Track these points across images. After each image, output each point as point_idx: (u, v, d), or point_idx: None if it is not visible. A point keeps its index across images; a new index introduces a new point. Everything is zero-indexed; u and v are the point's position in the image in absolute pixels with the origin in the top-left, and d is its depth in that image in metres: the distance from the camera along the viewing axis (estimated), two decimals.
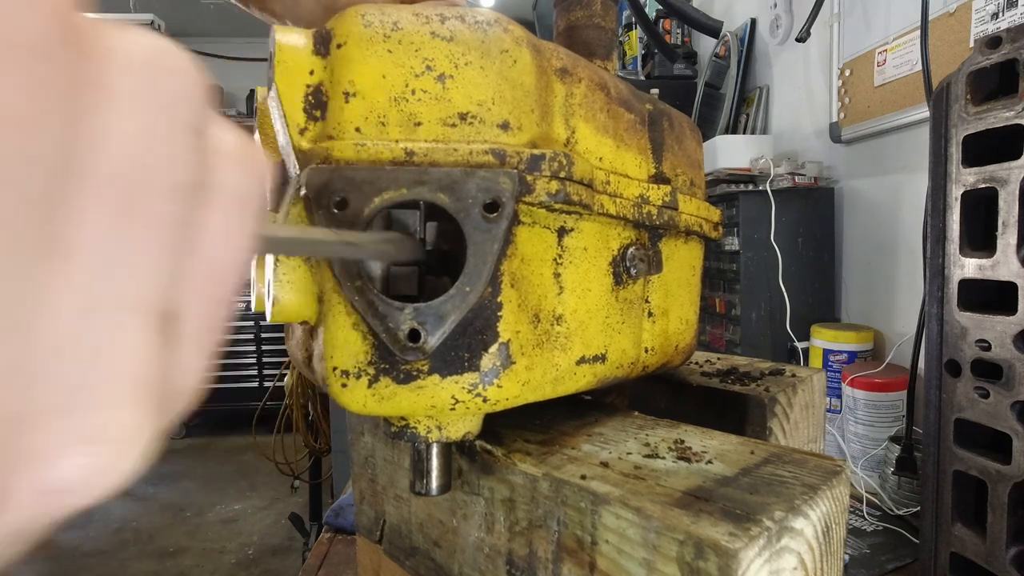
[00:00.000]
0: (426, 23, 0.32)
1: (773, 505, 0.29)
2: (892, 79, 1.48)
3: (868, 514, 1.12)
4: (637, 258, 0.42)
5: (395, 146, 0.31)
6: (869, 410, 1.32)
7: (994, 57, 0.68)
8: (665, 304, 0.47)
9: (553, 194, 0.33)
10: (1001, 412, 0.67)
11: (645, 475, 0.34)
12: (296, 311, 0.32)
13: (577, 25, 0.52)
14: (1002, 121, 0.67)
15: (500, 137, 0.33)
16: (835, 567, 0.32)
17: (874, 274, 1.60)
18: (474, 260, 0.30)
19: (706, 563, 0.26)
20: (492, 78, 0.32)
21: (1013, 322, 0.66)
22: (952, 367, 0.73)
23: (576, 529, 0.33)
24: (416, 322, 0.29)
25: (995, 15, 1.18)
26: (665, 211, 0.44)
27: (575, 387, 0.39)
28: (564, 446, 0.39)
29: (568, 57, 0.38)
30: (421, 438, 0.35)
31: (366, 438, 0.56)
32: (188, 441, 4.99)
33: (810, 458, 0.36)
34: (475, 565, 0.41)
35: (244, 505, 3.60)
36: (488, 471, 0.39)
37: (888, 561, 0.97)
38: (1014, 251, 0.66)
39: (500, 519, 0.38)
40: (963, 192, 0.72)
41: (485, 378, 0.32)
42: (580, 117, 0.38)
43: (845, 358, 1.48)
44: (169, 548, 3.16)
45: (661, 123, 0.47)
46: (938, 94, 0.75)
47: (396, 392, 0.31)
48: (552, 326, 0.36)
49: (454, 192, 0.30)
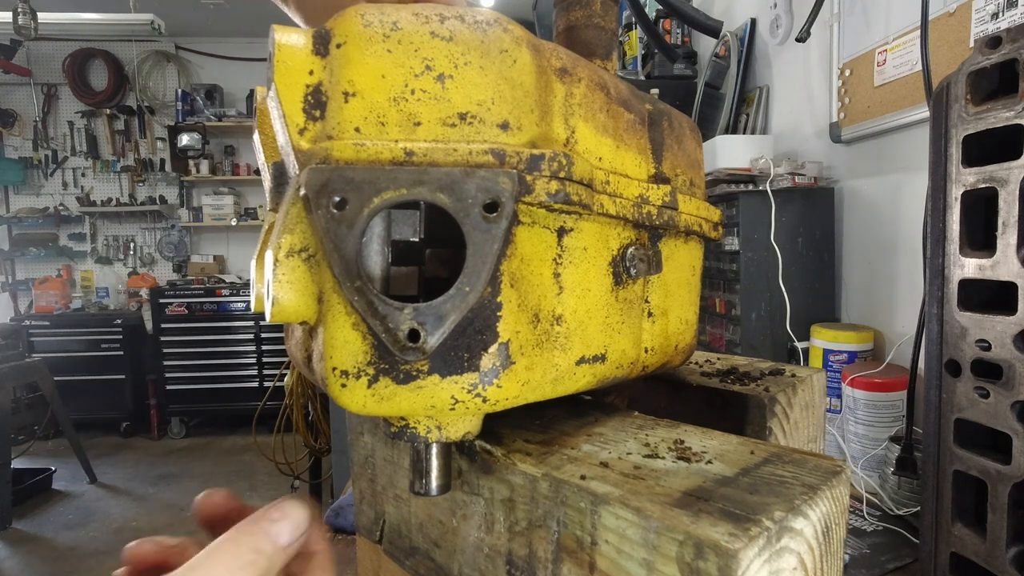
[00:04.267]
0: (426, 23, 0.32)
1: (773, 505, 0.29)
2: (892, 79, 1.48)
3: (868, 514, 1.12)
4: (637, 258, 0.42)
5: (395, 146, 0.31)
6: (869, 410, 1.32)
7: (994, 57, 0.68)
8: (665, 304, 0.47)
9: (553, 194, 0.33)
10: (1001, 412, 0.67)
11: (645, 475, 0.34)
12: (296, 311, 0.32)
13: (577, 25, 0.52)
14: (1002, 121, 0.67)
15: (500, 137, 0.33)
16: (835, 567, 0.32)
17: (874, 274, 1.60)
18: (474, 260, 0.30)
19: (706, 563, 0.26)
20: (492, 78, 0.32)
21: (1013, 322, 0.66)
22: (952, 367, 0.73)
23: (576, 529, 0.33)
24: (416, 322, 0.29)
25: (995, 15, 1.18)
26: (665, 211, 0.44)
27: (575, 387, 0.39)
28: (564, 446, 0.39)
29: (568, 57, 0.38)
30: (421, 438, 0.35)
31: (366, 438, 0.56)
32: (188, 441, 4.99)
33: (810, 458, 0.36)
34: (475, 565, 0.41)
35: None
36: (488, 471, 0.39)
37: (888, 561, 0.97)
38: (1014, 251, 0.66)
39: (500, 519, 0.38)
40: (963, 192, 0.72)
41: (485, 378, 0.32)
42: (580, 117, 0.38)
43: (845, 358, 1.48)
44: None
45: (661, 123, 0.47)
46: (938, 94, 0.75)
47: (396, 392, 0.31)
48: (552, 326, 0.35)
49: (454, 192, 0.30)
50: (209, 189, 5.67)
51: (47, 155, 5.60)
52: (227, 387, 5.02)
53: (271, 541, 0.29)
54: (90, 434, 4.93)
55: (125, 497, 3.88)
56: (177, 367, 4.98)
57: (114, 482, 4.12)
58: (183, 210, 5.65)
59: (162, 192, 5.69)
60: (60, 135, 5.61)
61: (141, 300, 5.36)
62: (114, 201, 5.61)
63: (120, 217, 5.70)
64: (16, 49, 5.21)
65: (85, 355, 4.94)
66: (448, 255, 0.34)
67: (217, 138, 5.70)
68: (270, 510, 0.31)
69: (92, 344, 4.96)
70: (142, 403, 5.05)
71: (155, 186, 5.71)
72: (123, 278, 5.68)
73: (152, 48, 5.57)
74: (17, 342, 4.55)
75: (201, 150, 5.46)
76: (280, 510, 0.31)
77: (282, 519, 0.30)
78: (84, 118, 5.60)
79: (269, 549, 0.29)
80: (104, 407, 4.96)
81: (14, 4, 3.94)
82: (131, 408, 5.00)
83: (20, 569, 3.05)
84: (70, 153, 5.63)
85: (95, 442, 4.86)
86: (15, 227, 5.58)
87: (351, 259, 0.29)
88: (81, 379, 4.85)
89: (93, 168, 5.65)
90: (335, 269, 0.30)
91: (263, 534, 0.29)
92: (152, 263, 5.78)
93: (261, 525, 0.30)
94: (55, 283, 5.38)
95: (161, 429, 5.08)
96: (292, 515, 0.31)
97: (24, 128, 5.56)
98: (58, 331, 4.96)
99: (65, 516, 3.59)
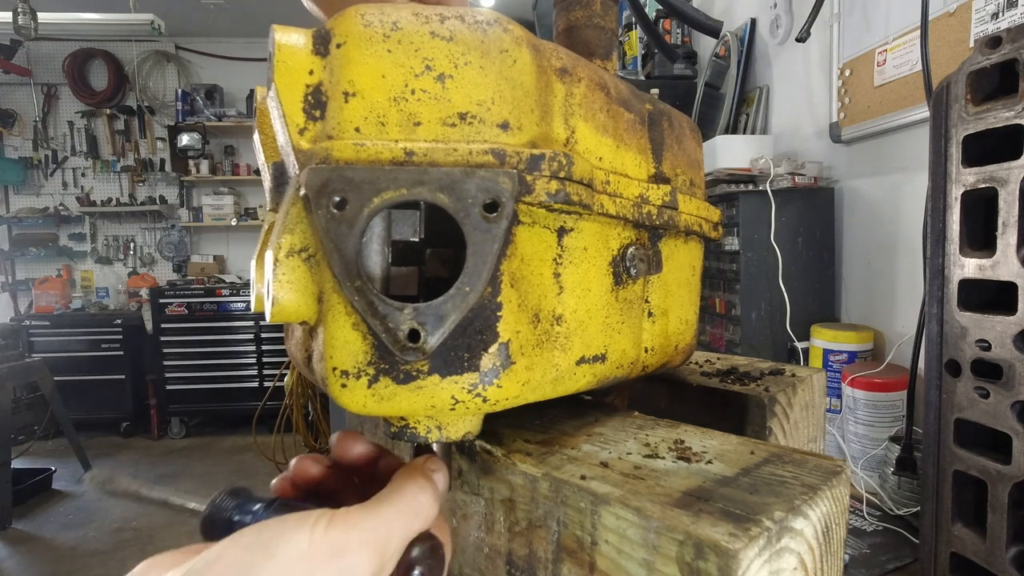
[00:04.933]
0: (426, 23, 0.32)
1: (773, 505, 0.29)
2: (892, 79, 1.48)
3: (868, 514, 1.12)
4: (637, 258, 0.42)
5: (395, 146, 0.31)
6: (869, 410, 1.32)
7: (994, 57, 0.68)
8: (665, 304, 0.47)
9: (553, 194, 0.33)
10: (1001, 412, 0.67)
11: (645, 475, 0.34)
12: (295, 311, 0.32)
13: (577, 25, 0.52)
14: (1002, 121, 0.67)
15: (500, 137, 0.32)
16: (835, 567, 0.32)
17: (874, 274, 1.60)
18: (474, 260, 0.30)
19: (706, 563, 0.26)
20: (492, 78, 0.32)
21: (1013, 322, 0.66)
22: (952, 367, 0.73)
23: (576, 529, 0.33)
24: (416, 322, 0.29)
25: (995, 15, 1.18)
26: (665, 211, 0.44)
27: (575, 387, 0.39)
28: (564, 446, 0.39)
29: (568, 57, 0.38)
30: (421, 438, 0.35)
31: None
32: (188, 441, 4.99)
33: (810, 458, 0.36)
34: (475, 565, 0.41)
35: None
36: (488, 471, 0.39)
37: (888, 561, 0.97)
38: (1014, 251, 0.66)
39: (500, 519, 0.38)
40: (963, 192, 0.72)
41: (485, 378, 0.32)
42: (580, 117, 0.38)
43: (845, 358, 1.48)
44: (169, 548, 3.16)
45: (661, 123, 0.47)
46: (938, 94, 0.75)
47: (396, 392, 0.31)
48: (552, 326, 0.35)
49: (454, 192, 0.30)
50: (209, 189, 5.67)
51: (47, 155, 5.60)
52: (227, 387, 5.01)
53: (435, 489, 0.31)
54: (90, 434, 4.93)
55: (125, 497, 3.87)
56: (177, 367, 4.98)
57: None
58: (183, 210, 5.65)
59: (162, 192, 5.68)
60: (60, 135, 5.61)
61: (141, 300, 5.36)
62: (114, 201, 5.61)
63: (120, 217, 5.69)
64: (16, 49, 5.20)
65: (85, 355, 4.93)
66: (448, 255, 0.34)
67: (217, 138, 5.70)
68: (427, 461, 0.33)
69: (92, 344, 4.96)
70: (142, 403, 5.05)
71: (155, 186, 5.70)
72: (123, 278, 5.67)
73: (152, 48, 5.56)
74: (17, 342, 4.55)
75: (201, 150, 5.46)
76: (435, 462, 0.33)
77: (439, 470, 0.33)
78: (84, 118, 5.60)
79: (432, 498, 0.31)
80: (104, 407, 4.96)
81: (14, 4, 3.94)
82: (131, 408, 5.00)
83: (20, 569, 3.05)
84: (70, 153, 5.62)
85: (95, 442, 4.86)
86: (15, 227, 5.58)
87: (351, 259, 0.29)
88: (81, 379, 4.85)
89: (93, 168, 5.64)
90: (335, 269, 0.30)
91: (429, 484, 0.31)
92: (152, 263, 5.77)
93: (424, 474, 0.32)
94: (55, 283, 5.37)
95: (161, 429, 5.08)
96: (443, 468, 0.33)
97: (24, 128, 5.56)
98: (58, 331, 4.96)
99: (65, 516, 3.59)
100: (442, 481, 0.32)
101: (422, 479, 0.31)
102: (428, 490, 0.31)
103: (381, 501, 0.29)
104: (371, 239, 0.32)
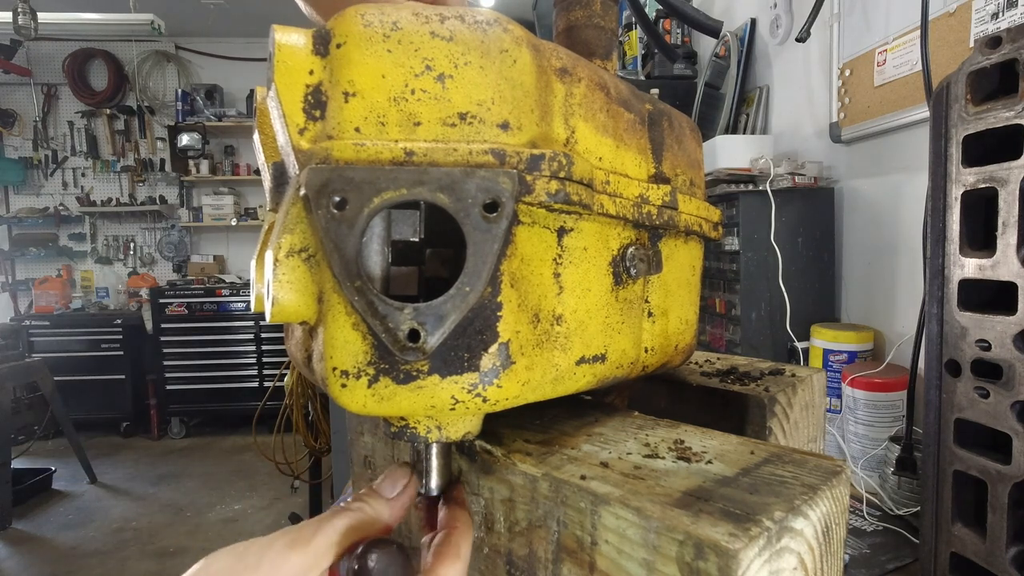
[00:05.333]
0: (426, 23, 0.32)
1: (773, 505, 0.29)
2: (892, 79, 1.48)
3: (868, 514, 1.12)
4: (637, 258, 0.42)
5: (395, 146, 0.31)
6: (869, 410, 1.32)
7: (994, 57, 0.68)
8: (665, 304, 0.47)
9: (553, 194, 0.33)
10: (1001, 412, 0.67)
11: (645, 475, 0.34)
12: (295, 311, 0.32)
13: (577, 25, 0.52)
14: (1002, 121, 0.67)
15: (500, 137, 0.32)
16: (835, 567, 0.32)
17: (874, 274, 1.60)
18: (474, 260, 0.30)
19: (706, 563, 0.26)
20: (492, 78, 0.32)
21: (1013, 322, 0.66)
22: (952, 367, 0.73)
23: (576, 529, 0.33)
24: (416, 322, 0.29)
25: (995, 15, 1.18)
26: (665, 211, 0.44)
27: (575, 387, 0.39)
28: (564, 446, 0.39)
29: (568, 57, 0.38)
30: (421, 438, 0.35)
31: (366, 438, 0.56)
32: (188, 441, 4.99)
33: (810, 458, 0.36)
34: (475, 565, 0.41)
35: (244, 505, 3.59)
36: (488, 471, 0.39)
37: (888, 561, 0.97)
38: (1014, 251, 0.66)
39: (500, 519, 0.38)
40: (963, 192, 0.72)
41: (485, 378, 0.32)
42: (580, 117, 0.38)
43: (845, 358, 1.48)
44: (169, 548, 3.16)
45: (661, 123, 0.47)
46: (938, 94, 0.75)
47: (396, 392, 0.31)
48: (552, 326, 0.35)
49: (454, 192, 0.30)
50: (209, 189, 5.67)
51: (47, 155, 5.60)
52: (227, 387, 5.02)
53: (373, 495, 0.36)
54: (90, 434, 4.93)
55: (125, 497, 3.88)
56: (177, 367, 4.98)
57: (114, 482, 4.12)
58: (183, 210, 5.65)
59: (162, 192, 5.69)
60: (60, 135, 5.61)
61: (141, 300, 5.36)
62: (114, 201, 5.61)
63: (120, 217, 5.69)
64: (16, 49, 5.20)
65: (85, 355, 4.93)
66: (448, 255, 0.34)
67: (217, 138, 5.70)
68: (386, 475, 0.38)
69: (92, 344, 4.96)
70: (142, 403, 5.05)
71: (155, 186, 5.70)
72: (123, 278, 5.67)
73: (152, 48, 5.56)
74: (17, 342, 4.55)
75: (201, 150, 5.46)
76: (392, 472, 0.38)
77: (384, 479, 0.37)
78: (84, 118, 5.60)
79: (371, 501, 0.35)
80: (104, 407, 4.96)
81: (14, 4, 3.94)
82: (131, 408, 5.00)
83: (20, 569, 3.05)
84: (70, 153, 5.62)
85: (95, 442, 4.86)
86: (15, 227, 5.58)
87: (351, 259, 0.29)
88: (81, 379, 4.85)
89: (93, 168, 5.64)
90: (335, 269, 0.30)
91: (371, 494, 0.36)
92: (152, 263, 5.77)
93: (369, 487, 0.37)
94: (55, 283, 5.37)
95: (161, 429, 5.08)
96: (393, 474, 0.37)
97: (24, 128, 5.56)
98: (58, 331, 4.96)
99: (65, 516, 3.59)
100: (388, 489, 0.36)
101: (367, 490, 0.36)
102: (373, 498, 0.35)
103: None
104: (371, 239, 0.32)
